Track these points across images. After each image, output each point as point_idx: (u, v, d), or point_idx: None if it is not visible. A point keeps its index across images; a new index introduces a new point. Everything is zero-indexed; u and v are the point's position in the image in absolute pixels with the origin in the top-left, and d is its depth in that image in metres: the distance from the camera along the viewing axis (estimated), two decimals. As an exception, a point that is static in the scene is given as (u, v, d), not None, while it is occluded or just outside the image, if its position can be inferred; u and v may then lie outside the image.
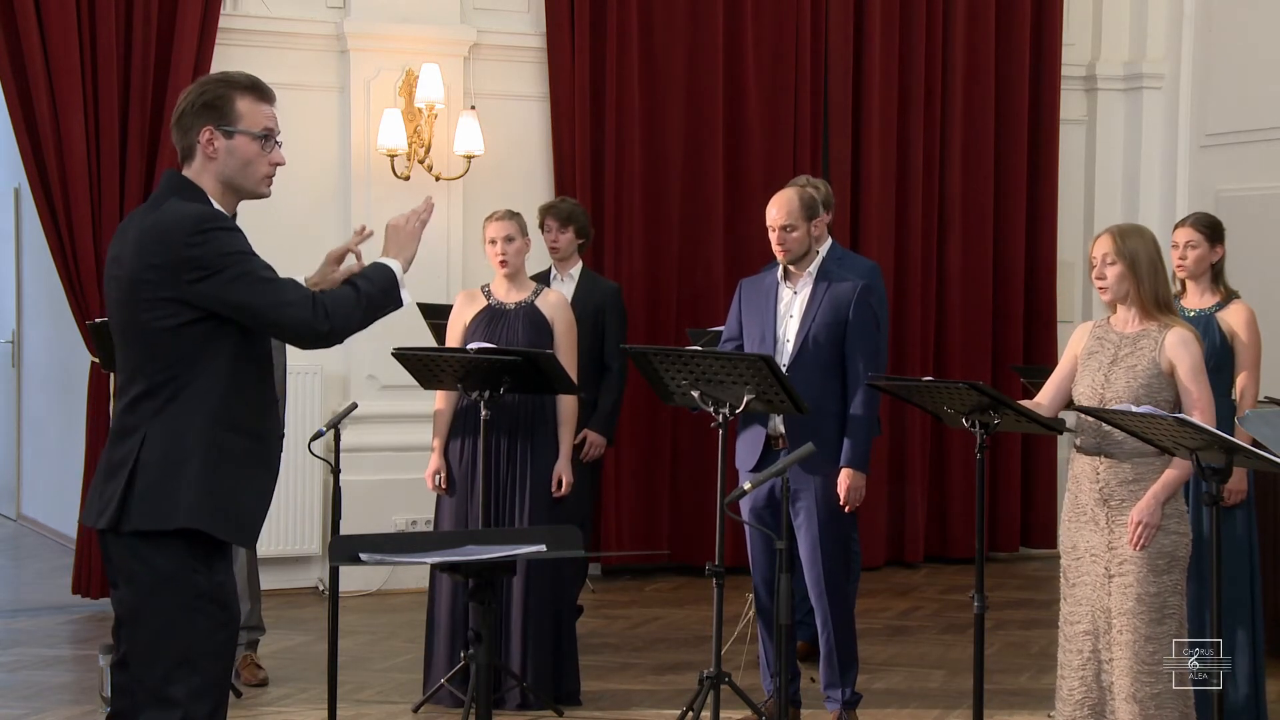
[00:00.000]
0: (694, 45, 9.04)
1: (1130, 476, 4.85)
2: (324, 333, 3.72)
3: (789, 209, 5.80)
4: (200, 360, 3.64)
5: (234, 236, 3.67)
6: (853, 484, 5.76)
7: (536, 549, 3.83)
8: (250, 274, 3.64)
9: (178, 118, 3.76)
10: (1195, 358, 4.85)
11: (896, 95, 9.45)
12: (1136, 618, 4.78)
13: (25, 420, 11.10)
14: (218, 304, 3.63)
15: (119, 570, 3.68)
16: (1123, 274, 4.91)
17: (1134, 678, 4.78)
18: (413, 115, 8.47)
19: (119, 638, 3.73)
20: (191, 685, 3.61)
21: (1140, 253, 4.90)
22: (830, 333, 5.78)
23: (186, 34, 7.87)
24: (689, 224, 9.08)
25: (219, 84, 3.79)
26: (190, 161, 3.76)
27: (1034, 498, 9.84)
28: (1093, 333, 5.06)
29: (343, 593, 6.51)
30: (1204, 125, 9.64)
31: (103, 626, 7.59)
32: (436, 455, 6.26)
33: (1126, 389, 4.86)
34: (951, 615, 8.10)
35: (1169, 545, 4.81)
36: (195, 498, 3.61)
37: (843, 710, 5.91)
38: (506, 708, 6.13)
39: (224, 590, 3.72)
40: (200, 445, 3.62)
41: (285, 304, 3.67)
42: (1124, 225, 5.11)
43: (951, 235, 9.60)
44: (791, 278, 5.88)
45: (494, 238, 6.29)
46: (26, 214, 10.25)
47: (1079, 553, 4.97)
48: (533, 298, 6.31)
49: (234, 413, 3.68)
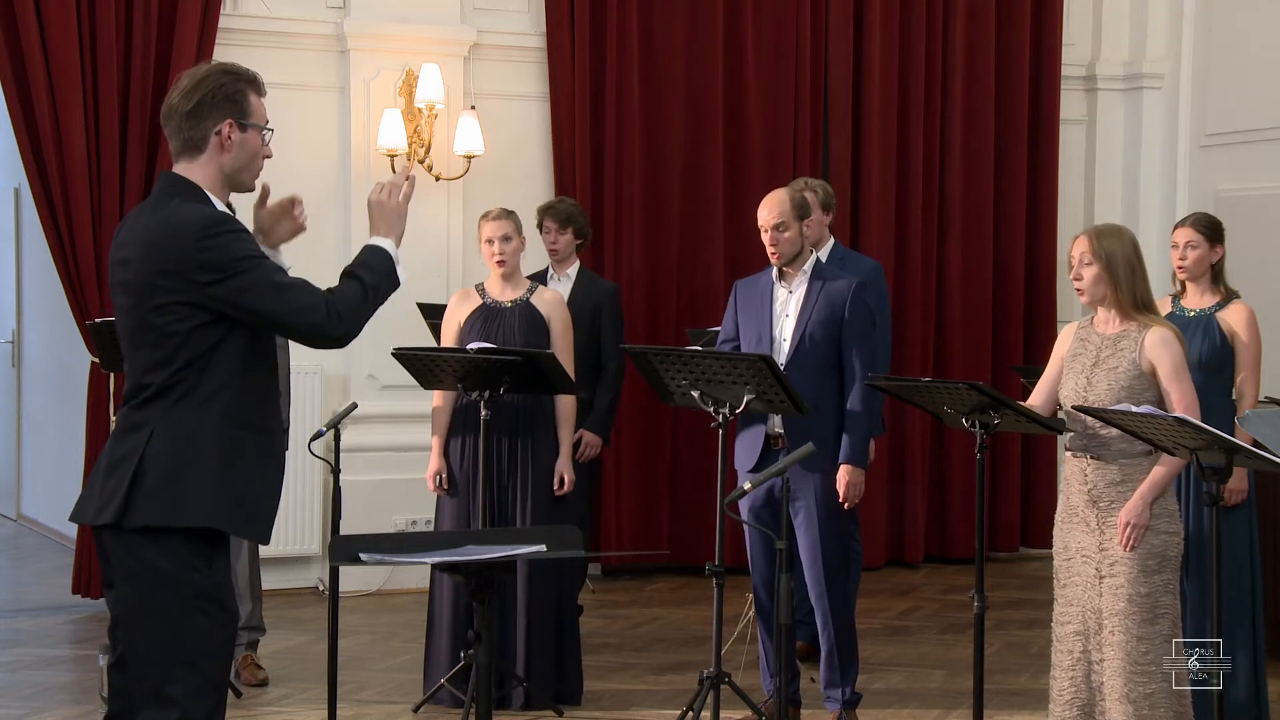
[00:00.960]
0: (694, 45, 9.04)
1: (1118, 478, 4.85)
2: (338, 336, 3.74)
3: (780, 209, 5.81)
4: (212, 360, 3.64)
5: (243, 239, 3.67)
6: (852, 480, 5.76)
7: (536, 549, 3.83)
8: (263, 280, 3.64)
9: (193, 107, 3.72)
10: (1175, 357, 4.82)
11: (896, 95, 9.45)
12: (1128, 618, 4.78)
13: (25, 420, 11.09)
14: (230, 308, 3.63)
15: (117, 569, 3.66)
16: (1099, 275, 4.89)
17: (1127, 678, 4.77)
18: (413, 115, 8.47)
19: (115, 638, 3.72)
20: (190, 685, 3.61)
21: (1117, 253, 4.88)
22: (826, 331, 5.78)
23: (186, 34, 7.87)
24: (689, 224, 9.08)
25: (234, 78, 3.77)
26: (197, 153, 3.75)
27: (1034, 498, 9.84)
28: (1076, 334, 5.06)
29: (343, 593, 6.51)
30: (1204, 125, 9.64)
31: (103, 626, 7.55)
32: (436, 455, 6.25)
33: (1108, 391, 4.85)
34: (951, 615, 8.10)
35: (1159, 545, 4.80)
36: (211, 495, 3.61)
37: (843, 710, 5.91)
38: (511, 707, 6.13)
39: (223, 590, 3.72)
40: (213, 443, 3.62)
41: (299, 309, 3.67)
42: (1101, 225, 5.09)
43: (951, 235, 9.60)
44: (786, 277, 5.89)
45: (490, 237, 6.28)
46: (26, 214, 10.24)
47: (1070, 553, 4.97)
48: (528, 295, 6.30)
49: (245, 410, 3.69)
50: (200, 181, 3.74)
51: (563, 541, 3.90)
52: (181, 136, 3.76)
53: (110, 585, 3.73)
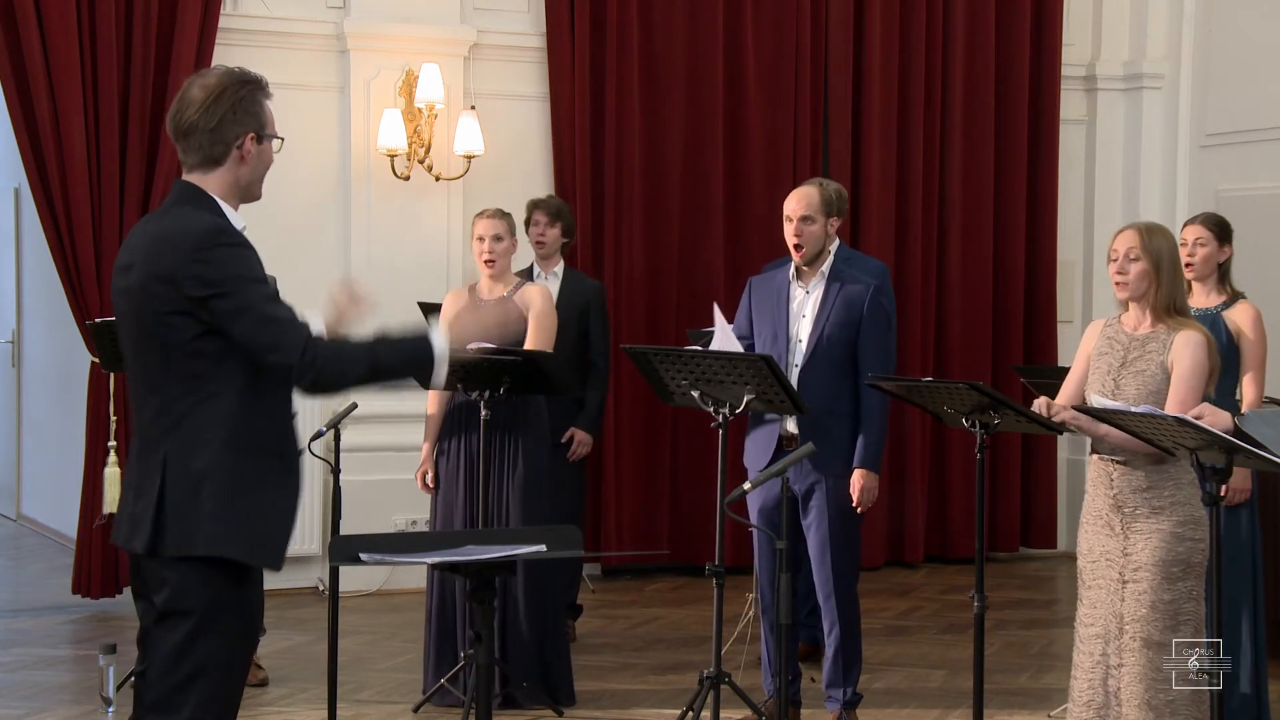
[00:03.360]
0: (694, 45, 9.04)
1: (1144, 484, 4.76)
2: (304, 386, 3.59)
3: (809, 201, 5.79)
4: (215, 376, 3.55)
5: (241, 254, 3.57)
6: (866, 485, 5.75)
7: (536, 549, 3.83)
8: (248, 305, 3.52)
9: (217, 124, 3.61)
10: (1195, 361, 4.73)
11: (896, 95, 9.44)
12: (1150, 625, 4.70)
13: (25, 420, 11.09)
14: (215, 325, 3.54)
15: (151, 583, 3.63)
16: (1145, 272, 4.79)
17: (1148, 684, 4.70)
18: (413, 115, 8.47)
19: (144, 648, 3.68)
20: (203, 693, 3.58)
21: (1164, 252, 4.80)
22: (844, 333, 5.76)
23: (186, 34, 7.87)
24: (689, 224, 9.07)
25: (251, 87, 3.68)
26: (217, 166, 3.65)
27: (1034, 498, 9.83)
28: (1103, 332, 4.96)
29: (343, 593, 6.50)
30: (1204, 125, 9.64)
31: (103, 627, 7.60)
32: (425, 458, 6.29)
33: (1137, 394, 4.76)
34: (951, 615, 8.10)
35: (1184, 552, 4.72)
36: (213, 524, 3.54)
37: (843, 710, 5.90)
38: (513, 707, 6.13)
39: (251, 607, 3.68)
40: (215, 469, 3.54)
41: (271, 346, 3.53)
42: (1149, 222, 4.98)
43: (951, 235, 9.60)
44: (804, 277, 5.87)
45: (482, 235, 6.28)
46: (26, 214, 10.24)
47: (1094, 556, 4.89)
48: (513, 293, 6.29)
49: (253, 433, 3.60)
50: (214, 191, 3.66)
51: (562, 541, 3.91)
52: (201, 152, 3.64)
53: (142, 597, 3.70)
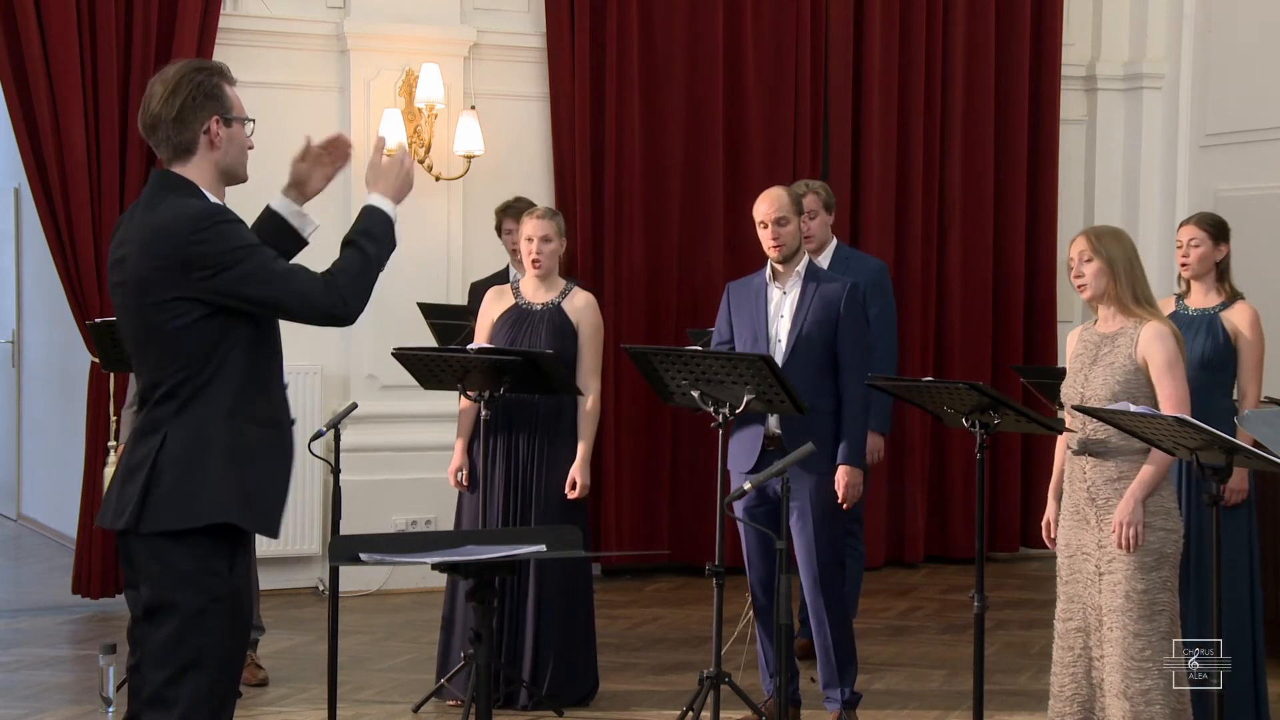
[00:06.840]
0: (694, 45, 9.04)
1: (1115, 475, 4.88)
2: (342, 315, 3.71)
3: (779, 202, 5.81)
4: (215, 355, 3.63)
5: (237, 229, 3.66)
6: (850, 481, 5.76)
7: (536, 549, 3.83)
8: (261, 268, 3.62)
9: (178, 113, 3.68)
10: (1169, 351, 4.84)
11: (896, 95, 9.44)
12: (1125, 615, 4.80)
13: (25, 420, 11.09)
14: (231, 299, 3.62)
15: (140, 571, 3.65)
16: (1100, 269, 4.93)
17: (1124, 674, 4.79)
18: (413, 115, 8.47)
19: (134, 640, 3.69)
20: (197, 686, 3.59)
21: (1116, 250, 4.94)
22: (822, 331, 5.78)
23: (186, 34, 7.87)
24: (689, 224, 9.08)
25: (208, 73, 3.75)
26: (189, 156, 3.72)
27: (1034, 498, 9.81)
28: (1080, 337, 5.10)
29: (343, 593, 6.51)
30: (1204, 125, 9.64)
31: (103, 627, 7.60)
32: (459, 453, 6.25)
33: (1104, 387, 4.87)
34: (951, 615, 8.10)
35: (1156, 542, 4.82)
36: (219, 492, 3.60)
37: (842, 710, 5.91)
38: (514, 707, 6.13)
39: (240, 595, 3.71)
40: (220, 440, 3.61)
41: (301, 293, 3.65)
42: (1099, 226, 5.17)
43: (951, 235, 9.60)
44: (780, 278, 5.88)
45: (530, 235, 6.15)
46: (26, 214, 10.24)
47: (1071, 550, 5.01)
48: (560, 299, 6.21)
49: (252, 404, 3.68)
50: (196, 181, 3.71)
51: (563, 541, 3.91)
52: (170, 144, 3.72)
53: (133, 586, 3.71)
